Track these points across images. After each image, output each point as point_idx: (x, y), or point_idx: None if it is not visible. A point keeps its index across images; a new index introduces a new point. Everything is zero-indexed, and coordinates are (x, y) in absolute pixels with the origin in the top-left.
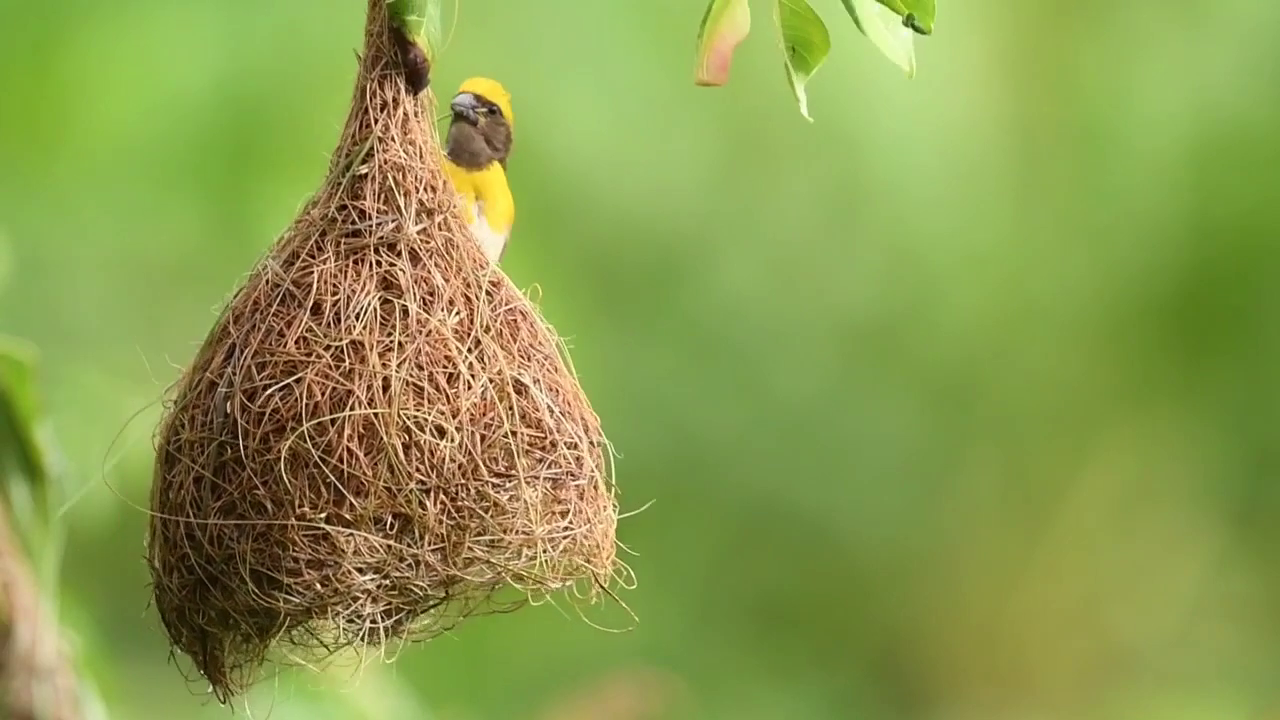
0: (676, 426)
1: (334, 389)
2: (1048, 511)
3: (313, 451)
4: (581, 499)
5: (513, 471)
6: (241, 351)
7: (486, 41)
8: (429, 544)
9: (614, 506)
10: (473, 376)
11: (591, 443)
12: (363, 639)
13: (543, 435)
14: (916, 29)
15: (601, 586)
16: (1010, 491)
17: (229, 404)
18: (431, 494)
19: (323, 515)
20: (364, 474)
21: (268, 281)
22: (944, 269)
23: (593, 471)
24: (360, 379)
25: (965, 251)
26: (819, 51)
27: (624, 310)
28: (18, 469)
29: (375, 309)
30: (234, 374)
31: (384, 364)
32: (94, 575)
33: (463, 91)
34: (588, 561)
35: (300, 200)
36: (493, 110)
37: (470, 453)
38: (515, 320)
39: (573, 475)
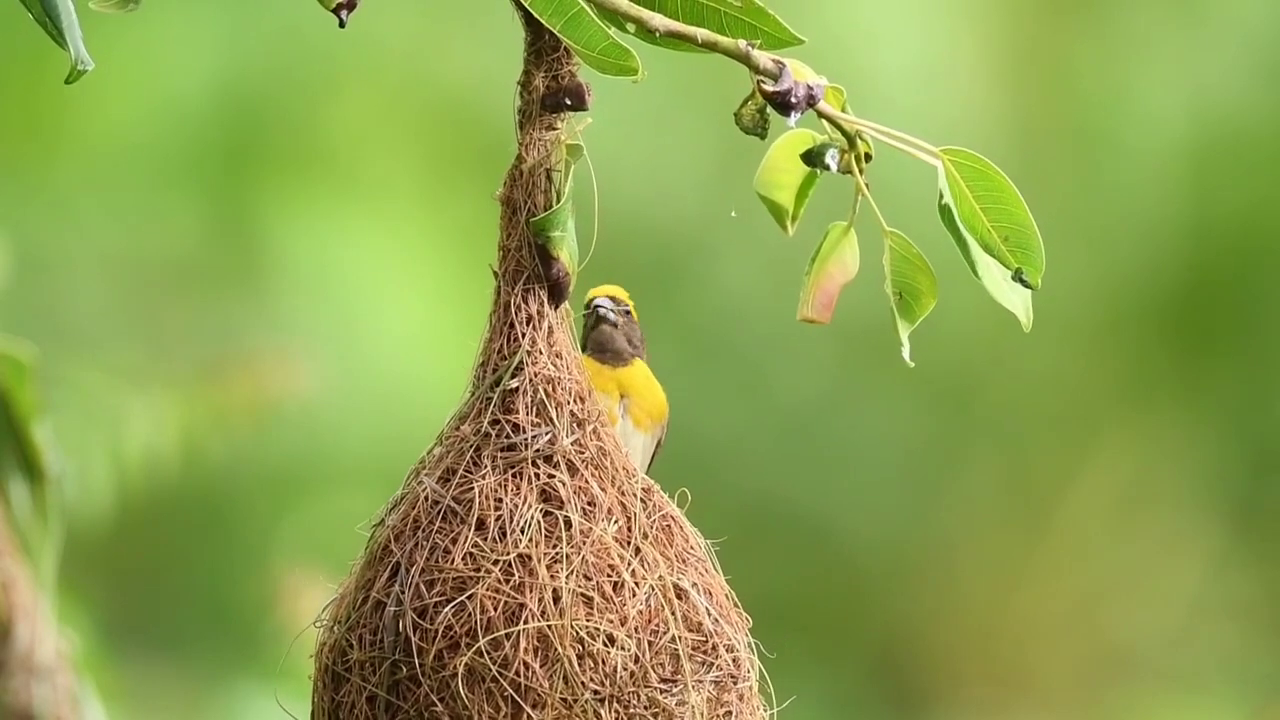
0: (675, 426)
1: (506, 603)
2: (1048, 511)
3: (490, 666)
4: (742, 701)
5: (679, 676)
6: (408, 570)
7: (485, 42)
8: None
9: (764, 706)
10: (636, 584)
11: (746, 644)
12: None
13: (704, 639)
14: (1025, 284)
15: None
16: (1010, 491)
17: (400, 622)
18: (606, 703)
19: None
20: (540, 686)
21: (426, 499)
22: (943, 269)
23: (749, 672)
24: (531, 592)
25: None
26: (926, 300)
27: None
28: (17, 469)
29: (539, 522)
30: (403, 592)
31: (553, 576)
32: (94, 575)
33: (597, 296)
34: None
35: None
36: (627, 311)
37: (640, 660)
38: (669, 526)
39: (733, 678)
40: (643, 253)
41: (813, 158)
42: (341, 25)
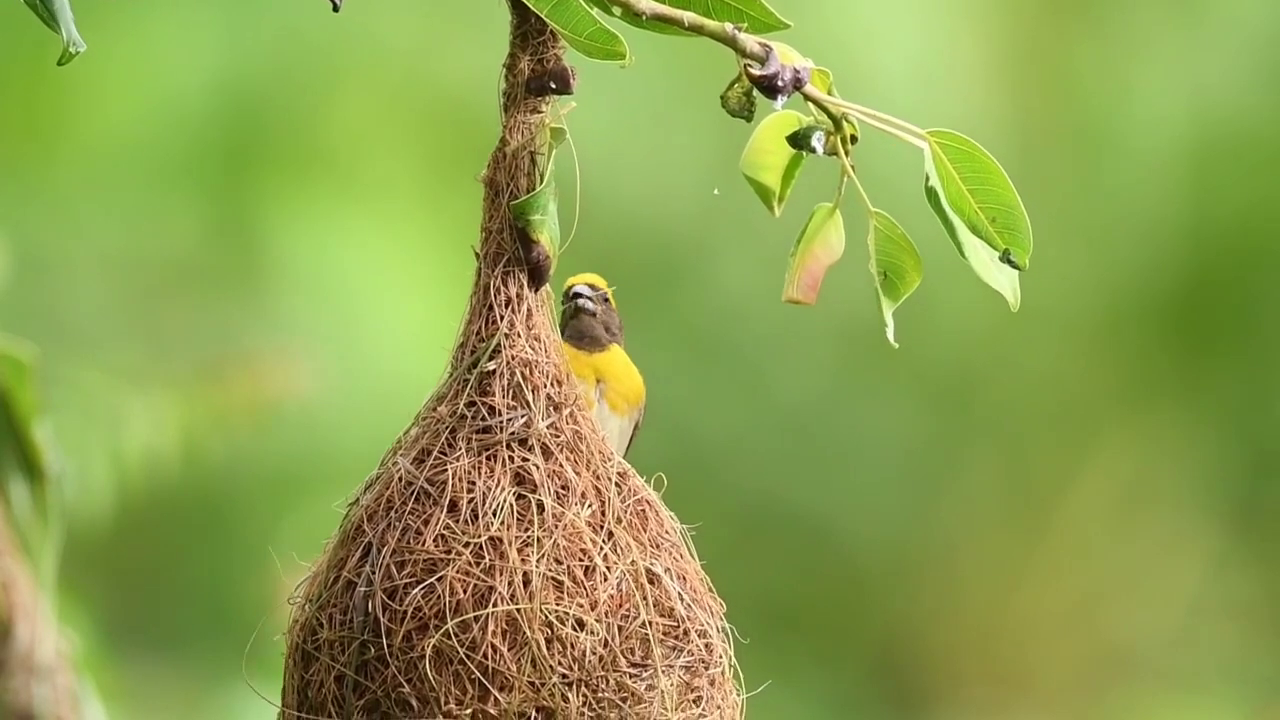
0: (676, 426)
1: (475, 585)
2: (1048, 511)
3: (458, 648)
4: (713, 685)
5: (649, 661)
6: (379, 550)
7: (485, 42)
8: None
9: (738, 691)
10: (608, 568)
11: (719, 629)
12: None
13: (676, 624)
14: (1012, 264)
15: None
16: (1010, 491)
17: (370, 602)
18: (574, 687)
19: (468, 711)
20: (508, 669)
21: (400, 480)
22: (943, 268)
23: (721, 658)
24: (501, 575)
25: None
26: (911, 279)
27: (623, 311)
28: (17, 469)
29: (511, 505)
30: (373, 573)
31: (523, 559)
32: (94, 575)
33: (576, 284)
34: None
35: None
36: (606, 299)
37: (609, 644)
38: (644, 510)
39: (704, 663)
40: (642, 252)
41: (798, 140)
42: (335, 9)
